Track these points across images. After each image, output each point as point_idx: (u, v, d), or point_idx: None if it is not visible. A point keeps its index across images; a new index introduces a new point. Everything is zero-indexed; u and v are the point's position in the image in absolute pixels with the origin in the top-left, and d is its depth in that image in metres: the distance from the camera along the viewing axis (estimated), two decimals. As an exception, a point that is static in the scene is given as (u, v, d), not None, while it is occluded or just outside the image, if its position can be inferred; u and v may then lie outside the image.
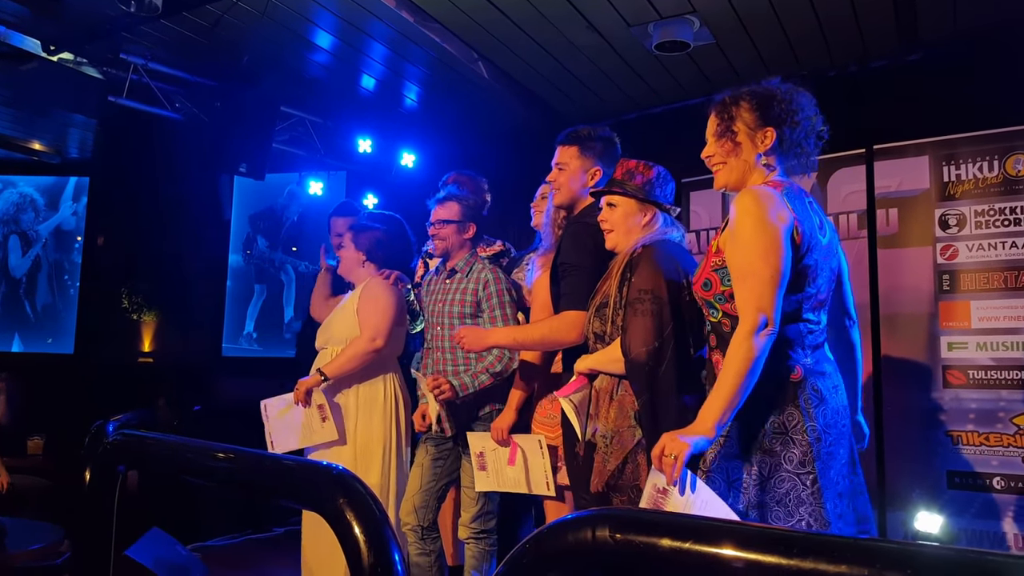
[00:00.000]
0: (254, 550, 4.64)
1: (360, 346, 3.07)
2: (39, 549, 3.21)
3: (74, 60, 4.30)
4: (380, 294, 3.17)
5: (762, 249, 1.68)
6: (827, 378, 1.76)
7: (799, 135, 1.83)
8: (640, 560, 0.82)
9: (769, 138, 1.82)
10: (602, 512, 0.87)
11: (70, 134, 6.22)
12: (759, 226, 1.70)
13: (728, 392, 1.64)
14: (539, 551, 0.92)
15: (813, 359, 1.75)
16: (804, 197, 1.83)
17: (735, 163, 1.86)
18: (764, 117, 1.82)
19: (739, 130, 1.85)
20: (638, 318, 1.99)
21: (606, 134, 2.53)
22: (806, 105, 1.85)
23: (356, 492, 1.21)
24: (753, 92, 1.86)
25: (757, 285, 1.67)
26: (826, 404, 1.72)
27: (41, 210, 6.93)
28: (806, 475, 1.66)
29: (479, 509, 2.82)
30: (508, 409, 2.66)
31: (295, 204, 6.64)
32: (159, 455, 1.71)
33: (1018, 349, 3.48)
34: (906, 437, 3.65)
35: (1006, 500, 3.41)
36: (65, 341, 6.74)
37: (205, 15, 3.92)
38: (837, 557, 0.71)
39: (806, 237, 1.73)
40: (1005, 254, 3.56)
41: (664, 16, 3.80)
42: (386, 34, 4.15)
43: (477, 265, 2.93)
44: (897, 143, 3.85)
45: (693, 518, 0.85)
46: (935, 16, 3.82)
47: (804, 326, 1.76)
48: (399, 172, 5.61)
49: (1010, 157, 3.59)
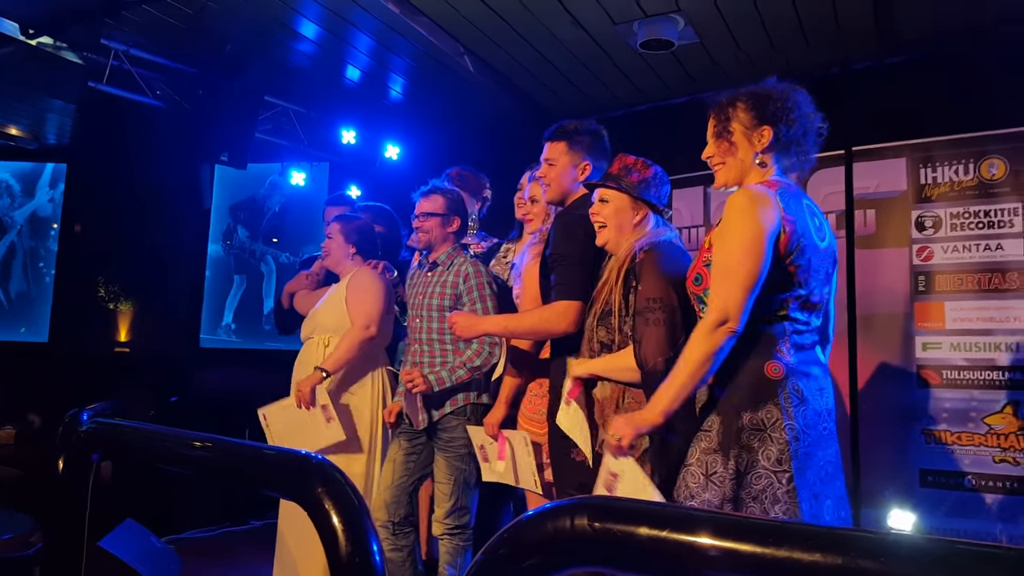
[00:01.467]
0: (230, 542, 4.61)
1: (355, 335, 3.04)
2: (9, 539, 3.16)
3: (53, 44, 4.22)
4: (369, 283, 3.15)
5: (741, 250, 1.71)
6: (812, 379, 1.77)
7: (796, 133, 1.85)
8: (619, 548, 0.83)
9: (765, 137, 1.84)
10: (581, 501, 0.87)
11: (48, 119, 6.13)
12: (743, 226, 1.72)
13: (680, 382, 1.68)
14: (518, 540, 0.92)
15: (798, 359, 1.75)
16: (802, 198, 1.84)
17: (732, 162, 1.88)
18: (760, 116, 1.84)
19: (735, 130, 1.87)
20: (651, 328, 1.98)
21: (593, 128, 2.53)
22: (803, 103, 1.87)
23: (335, 481, 1.21)
24: (750, 92, 1.88)
25: (727, 284, 1.70)
26: (807, 405, 1.73)
27: (17, 196, 6.82)
28: (782, 473, 1.68)
29: (452, 504, 2.80)
30: (499, 404, 2.67)
31: (277, 194, 6.60)
32: (135, 443, 1.70)
33: (991, 350, 3.54)
34: (880, 436, 3.70)
35: (978, 498, 3.47)
36: (39, 329, 6.65)
37: (188, 1, 3.88)
38: (811, 545, 0.72)
39: (797, 237, 1.74)
40: (979, 256, 3.61)
41: (649, 14, 3.81)
42: (372, 25, 4.13)
43: (459, 259, 2.92)
44: (876, 145, 3.89)
45: (672, 507, 0.86)
46: (915, 20, 3.87)
47: (790, 325, 1.77)
48: (383, 164, 5.59)
49: (984, 161, 3.65)
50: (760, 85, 1.90)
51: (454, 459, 2.82)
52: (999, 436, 3.46)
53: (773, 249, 1.73)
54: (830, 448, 1.80)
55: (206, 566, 4.15)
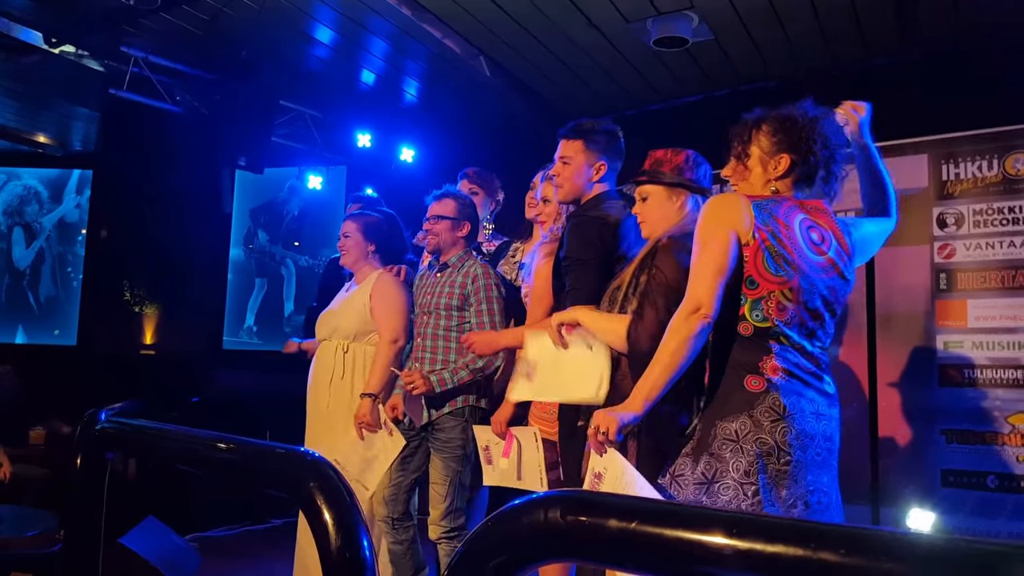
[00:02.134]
0: (251, 541, 4.67)
1: (387, 352, 3.05)
2: (34, 536, 3.24)
3: (75, 53, 4.33)
4: (392, 293, 3.15)
5: (702, 242, 1.72)
6: (804, 400, 1.70)
7: (815, 163, 1.77)
8: (589, 541, 0.83)
9: (781, 165, 1.78)
10: (553, 494, 0.88)
11: (73, 127, 6.27)
12: (705, 222, 1.74)
13: (659, 371, 1.67)
14: (495, 534, 0.93)
15: (783, 376, 1.69)
16: (794, 213, 1.77)
17: (744, 187, 1.84)
18: (781, 144, 1.78)
19: (752, 154, 1.82)
20: (652, 311, 1.95)
21: (609, 127, 2.49)
22: (832, 133, 1.80)
23: (327, 478, 1.22)
24: (777, 116, 1.82)
25: (695, 272, 1.71)
26: (792, 423, 1.67)
27: (45, 202, 6.98)
28: (748, 486, 1.64)
29: (447, 506, 2.79)
30: (507, 402, 2.67)
31: (295, 198, 6.67)
32: (141, 441, 1.73)
33: (1014, 348, 3.47)
34: (901, 435, 3.65)
35: (1000, 499, 3.40)
36: (68, 333, 6.79)
37: (204, 8, 3.95)
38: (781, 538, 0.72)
39: (770, 247, 1.69)
40: (1003, 253, 3.54)
41: (662, 12, 3.80)
42: (386, 29, 4.17)
43: (469, 261, 2.95)
44: (896, 141, 3.83)
45: (641, 500, 0.86)
46: (936, 14, 3.81)
47: (777, 345, 1.71)
48: (399, 167, 5.63)
49: (1010, 156, 3.58)
50: (790, 109, 1.82)
51: (450, 460, 2.82)
52: (1023, 436, 3.40)
53: (739, 247, 1.70)
54: (822, 476, 1.72)
55: (227, 564, 4.22)
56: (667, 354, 1.68)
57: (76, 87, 5.15)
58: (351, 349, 3.18)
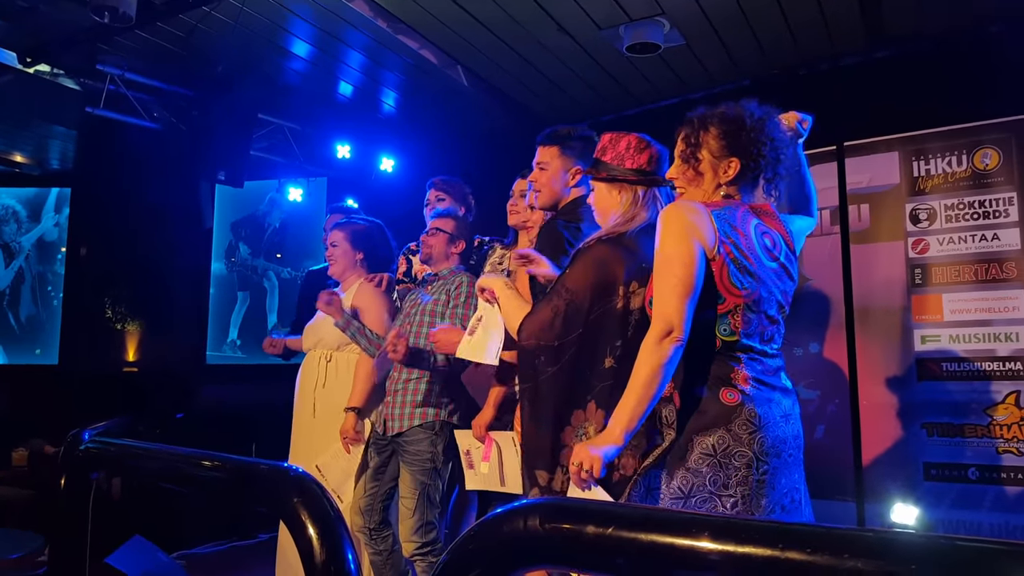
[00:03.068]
0: (239, 557, 4.65)
1: (367, 363, 3.10)
2: (18, 558, 3.21)
3: (51, 72, 4.31)
4: (371, 302, 3.19)
5: (671, 259, 1.67)
6: (774, 406, 1.72)
7: (765, 167, 1.77)
8: (568, 547, 0.85)
9: (732, 169, 1.76)
10: (533, 502, 0.90)
11: (51, 145, 6.22)
12: (671, 235, 1.69)
13: (634, 400, 1.64)
14: (477, 543, 0.94)
15: (757, 387, 1.70)
16: (749, 219, 1.77)
17: (695, 192, 1.81)
18: (730, 147, 1.75)
19: (703, 158, 1.78)
20: (546, 309, 1.96)
21: (586, 133, 2.52)
22: (777, 136, 1.78)
23: (311, 492, 1.24)
24: (723, 117, 1.78)
25: (663, 293, 1.67)
26: (766, 431, 1.68)
27: (23, 222, 6.91)
28: (727, 498, 1.64)
29: (417, 521, 2.79)
30: (487, 406, 2.69)
31: (276, 211, 6.66)
32: (126, 461, 1.74)
33: (990, 340, 3.53)
34: (882, 430, 3.70)
35: (981, 490, 3.45)
36: (50, 352, 6.73)
37: (179, 25, 3.94)
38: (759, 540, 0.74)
39: (734, 260, 1.69)
40: (975, 247, 3.61)
41: (634, 18, 3.84)
42: (362, 42, 4.18)
43: (460, 275, 3.03)
44: (867, 139, 3.90)
45: (618, 505, 0.88)
46: (901, 14, 3.88)
47: (745, 355, 1.72)
48: (379, 177, 5.64)
49: (977, 151, 3.64)
50: (737, 108, 1.79)
51: (418, 473, 2.83)
52: (1002, 427, 3.45)
53: (706, 264, 1.68)
54: (794, 474, 1.75)
55: (215, 581, 4.19)
56: (642, 382, 1.64)
57: (52, 106, 5.12)
58: (334, 358, 3.21)
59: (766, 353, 1.75)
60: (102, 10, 3.42)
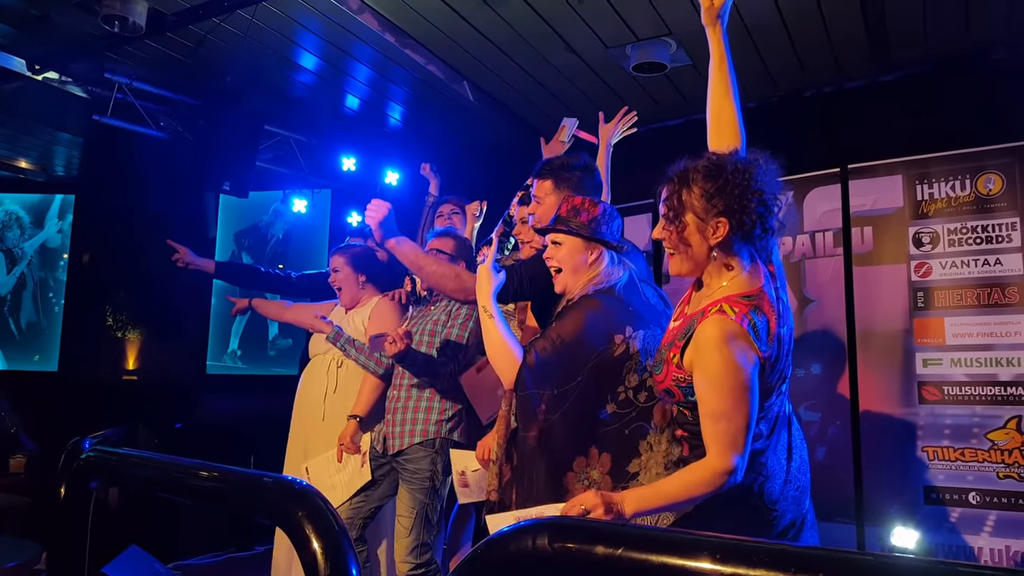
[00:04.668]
0: (235, 568, 4.62)
1: (376, 377, 3.09)
2: (15, 567, 3.19)
3: (59, 79, 4.33)
4: (386, 317, 3.21)
5: (733, 395, 1.57)
6: (778, 449, 1.70)
7: (753, 222, 1.63)
8: (577, 567, 0.85)
9: (721, 230, 1.63)
10: (541, 521, 0.90)
11: (56, 152, 6.24)
12: (730, 371, 1.57)
13: (666, 501, 1.60)
14: (485, 561, 0.94)
15: (763, 440, 1.68)
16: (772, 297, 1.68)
17: (686, 257, 1.70)
18: (715, 206, 1.63)
19: (689, 222, 1.66)
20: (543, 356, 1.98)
21: (581, 163, 2.48)
22: (766, 185, 1.64)
23: (315, 506, 1.23)
24: (707, 172, 1.65)
25: (729, 429, 1.58)
26: (773, 480, 1.68)
27: (26, 228, 6.93)
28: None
29: (413, 541, 2.78)
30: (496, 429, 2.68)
31: (280, 222, 6.67)
32: (127, 470, 1.73)
33: (992, 365, 3.53)
34: (883, 453, 3.69)
35: (981, 515, 3.44)
36: (50, 358, 6.72)
37: (188, 35, 3.97)
38: (756, 562, 0.74)
39: (774, 356, 1.64)
40: (978, 271, 3.61)
41: (641, 38, 3.87)
42: (369, 55, 4.21)
43: None
44: (871, 163, 3.91)
45: (627, 526, 0.88)
46: (907, 38, 3.91)
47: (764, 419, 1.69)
48: (384, 190, 5.65)
49: (981, 176, 3.66)
50: (718, 160, 1.68)
51: (417, 491, 2.82)
52: (1003, 452, 3.44)
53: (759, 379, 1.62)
54: (803, 503, 1.75)
55: (211, 593, 4.17)
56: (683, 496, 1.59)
57: (59, 113, 5.15)
58: (345, 364, 3.20)
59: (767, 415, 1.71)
60: (113, 20, 3.45)
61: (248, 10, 3.62)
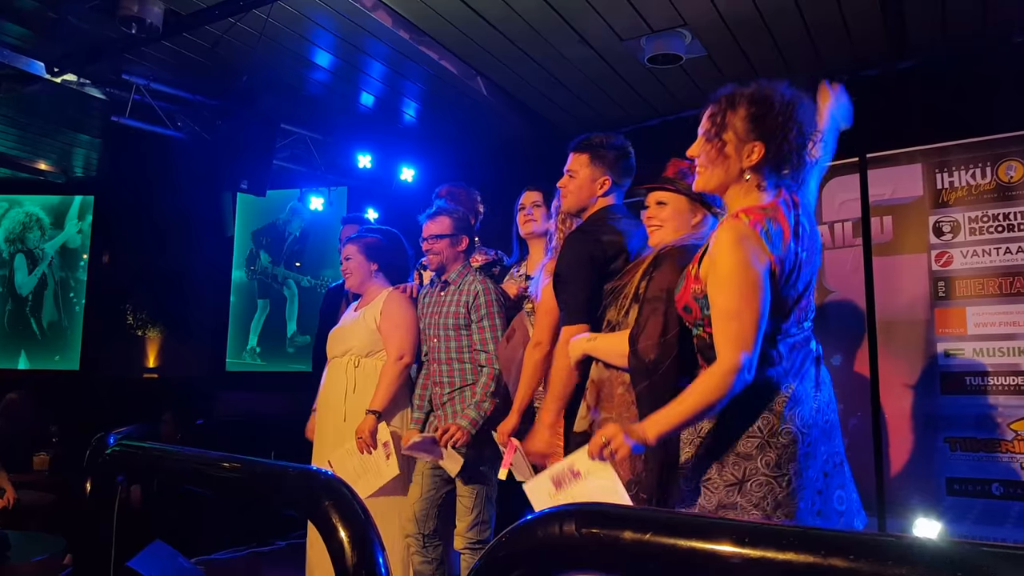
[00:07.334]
0: (257, 563, 4.66)
1: (393, 369, 3.11)
2: (41, 561, 3.24)
3: (77, 81, 4.38)
4: (400, 311, 3.20)
5: (743, 293, 1.62)
6: (807, 379, 1.73)
7: (787, 152, 1.70)
8: (605, 553, 0.85)
9: (756, 154, 1.70)
10: (568, 508, 0.90)
11: (75, 153, 6.31)
12: (740, 269, 1.63)
13: (684, 416, 1.63)
14: (512, 547, 0.95)
15: (789, 362, 1.71)
16: (790, 214, 1.72)
17: (718, 172, 1.76)
18: (757, 130, 1.70)
19: (728, 140, 1.72)
20: (654, 319, 1.96)
21: (619, 143, 2.49)
22: (806, 121, 1.72)
23: (341, 496, 1.24)
24: (753, 98, 1.72)
25: (739, 328, 1.62)
26: (804, 404, 1.70)
27: (47, 229, 7.02)
28: (781, 477, 1.66)
29: (474, 518, 2.86)
30: (513, 412, 2.68)
31: (297, 220, 6.72)
32: (154, 464, 1.75)
33: (1014, 355, 3.49)
34: (905, 443, 3.66)
35: (1005, 506, 3.41)
36: (71, 357, 6.80)
37: (204, 36, 4.00)
38: (794, 546, 0.74)
39: (788, 266, 1.68)
40: (999, 260, 3.57)
41: (656, 30, 3.85)
42: (384, 52, 4.22)
43: (469, 276, 3.00)
44: (890, 151, 3.87)
45: (654, 511, 0.88)
46: (924, 24, 3.86)
47: (782, 337, 1.72)
48: (399, 186, 5.67)
49: (1002, 163, 3.61)
50: (768, 88, 1.74)
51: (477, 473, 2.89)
52: (1026, 442, 3.41)
53: (770, 284, 1.66)
54: (835, 439, 1.77)
55: (233, 588, 4.21)
56: (701, 406, 1.62)
57: (78, 115, 5.20)
58: (362, 364, 3.21)
59: (801, 329, 1.76)
60: (130, 22, 3.48)
61: (263, 9, 3.64)
